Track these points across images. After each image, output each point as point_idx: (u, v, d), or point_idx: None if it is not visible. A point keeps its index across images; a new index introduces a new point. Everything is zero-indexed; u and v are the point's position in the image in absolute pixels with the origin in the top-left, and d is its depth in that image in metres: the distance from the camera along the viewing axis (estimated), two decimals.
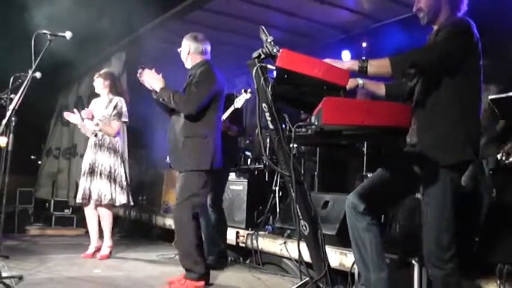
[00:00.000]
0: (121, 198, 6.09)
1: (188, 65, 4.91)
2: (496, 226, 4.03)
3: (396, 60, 3.02)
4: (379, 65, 3.05)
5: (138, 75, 4.75)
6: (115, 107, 6.19)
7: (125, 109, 6.24)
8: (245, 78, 8.56)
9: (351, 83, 3.26)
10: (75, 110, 6.34)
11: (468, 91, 3.10)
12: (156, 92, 4.67)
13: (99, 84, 6.41)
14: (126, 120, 6.28)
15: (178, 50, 4.94)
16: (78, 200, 6.17)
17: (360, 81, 3.38)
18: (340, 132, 2.66)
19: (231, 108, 5.57)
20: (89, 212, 6.25)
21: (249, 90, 5.57)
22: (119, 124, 6.24)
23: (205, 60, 4.89)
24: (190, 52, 4.87)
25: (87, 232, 8.72)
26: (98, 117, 6.18)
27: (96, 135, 6.17)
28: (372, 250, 3.22)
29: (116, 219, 7.54)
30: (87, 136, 6.33)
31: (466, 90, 3.08)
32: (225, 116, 5.52)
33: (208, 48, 4.95)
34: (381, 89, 3.47)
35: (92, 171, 6.06)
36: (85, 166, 6.14)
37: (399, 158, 3.41)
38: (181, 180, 4.64)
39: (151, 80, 4.70)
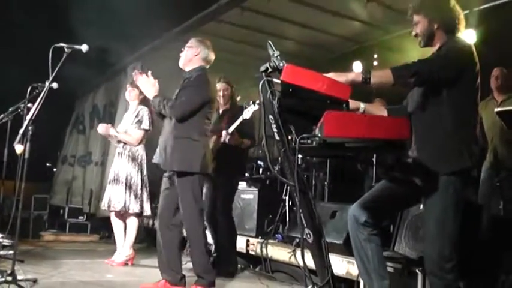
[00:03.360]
0: (134, 207, 6.15)
1: (187, 66, 4.87)
2: (502, 238, 4.08)
3: (398, 70, 3.12)
4: (381, 75, 3.14)
5: (134, 77, 4.83)
6: (137, 116, 6.29)
7: (146, 117, 6.29)
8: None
9: (352, 105, 3.36)
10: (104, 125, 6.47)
11: (464, 105, 3.19)
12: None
13: (133, 95, 6.48)
14: (147, 128, 6.30)
15: (186, 48, 4.90)
16: (103, 207, 6.37)
17: (362, 105, 3.47)
18: (343, 144, 2.74)
19: (240, 119, 5.65)
20: (113, 219, 6.37)
21: (257, 101, 5.62)
22: (141, 132, 6.30)
23: (203, 66, 4.87)
24: (198, 55, 4.84)
25: (101, 238, 8.90)
26: (124, 128, 6.30)
27: (119, 143, 6.30)
28: (374, 259, 3.30)
29: None
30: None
31: (462, 105, 3.17)
32: (233, 127, 5.60)
33: (213, 58, 4.95)
34: (383, 113, 3.56)
35: (114, 179, 6.20)
36: (111, 175, 6.32)
37: (400, 169, 3.49)
38: (179, 186, 4.63)
39: (146, 86, 4.79)
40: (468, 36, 5.78)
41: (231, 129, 5.60)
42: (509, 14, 6.31)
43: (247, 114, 5.64)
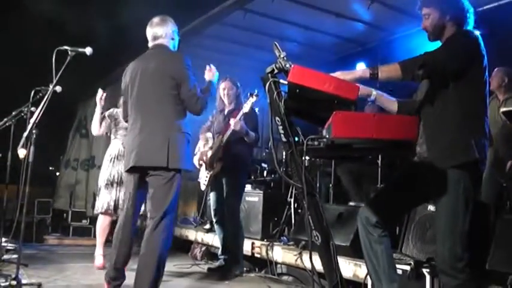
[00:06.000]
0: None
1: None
2: (509, 237, 4.04)
3: (406, 64, 3.10)
4: (389, 70, 3.12)
5: None
6: None
7: None
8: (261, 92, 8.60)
9: (364, 91, 3.29)
10: None
11: (472, 100, 3.16)
12: None
13: None
14: None
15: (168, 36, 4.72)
16: (102, 209, 6.09)
17: (374, 92, 3.41)
18: (351, 145, 2.71)
19: (240, 114, 5.53)
20: (107, 223, 6.26)
21: (255, 93, 5.50)
22: None
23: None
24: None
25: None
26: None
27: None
28: (384, 261, 3.27)
29: None
30: (104, 148, 6.33)
31: (470, 99, 3.15)
32: (237, 119, 5.48)
33: (148, 33, 4.75)
34: (393, 104, 3.52)
35: (112, 183, 6.07)
36: (109, 178, 6.14)
37: (410, 168, 3.47)
38: None
39: None
40: None
41: (238, 117, 5.48)
42: (509, 14, 6.29)
43: (246, 107, 5.50)
